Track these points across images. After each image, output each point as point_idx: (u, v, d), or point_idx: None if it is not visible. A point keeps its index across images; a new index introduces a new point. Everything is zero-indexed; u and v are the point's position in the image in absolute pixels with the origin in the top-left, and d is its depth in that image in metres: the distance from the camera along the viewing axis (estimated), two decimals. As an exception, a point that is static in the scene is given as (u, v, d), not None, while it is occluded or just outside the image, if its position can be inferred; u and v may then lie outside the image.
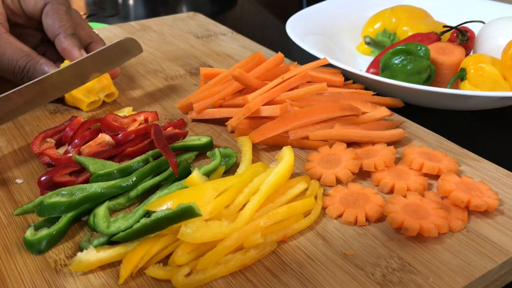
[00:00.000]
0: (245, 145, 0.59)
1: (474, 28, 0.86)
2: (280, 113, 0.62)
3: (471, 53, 0.86)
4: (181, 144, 0.60)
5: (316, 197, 0.52)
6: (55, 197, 0.48)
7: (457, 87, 0.78)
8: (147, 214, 0.49)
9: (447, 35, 0.85)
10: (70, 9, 0.72)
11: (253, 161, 0.59)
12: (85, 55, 0.69)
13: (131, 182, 0.52)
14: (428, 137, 0.65)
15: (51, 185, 0.52)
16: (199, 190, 0.47)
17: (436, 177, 0.56)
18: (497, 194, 0.53)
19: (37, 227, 0.49)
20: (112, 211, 0.52)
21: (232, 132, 0.66)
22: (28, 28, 0.73)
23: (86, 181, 0.53)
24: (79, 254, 0.43)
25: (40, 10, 0.70)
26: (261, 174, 0.52)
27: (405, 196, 0.52)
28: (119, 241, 0.46)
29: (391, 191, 0.54)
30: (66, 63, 0.69)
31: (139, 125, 0.63)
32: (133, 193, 0.52)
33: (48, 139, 0.60)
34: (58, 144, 0.61)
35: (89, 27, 0.76)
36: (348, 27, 1.00)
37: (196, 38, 0.98)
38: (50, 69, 0.66)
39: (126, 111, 0.69)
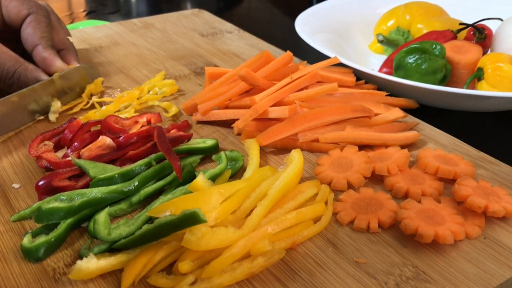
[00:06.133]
0: (252, 148, 0.59)
1: (492, 25, 0.86)
2: (288, 114, 0.62)
3: (489, 52, 0.86)
4: (185, 147, 0.59)
5: (326, 203, 0.52)
6: (53, 203, 0.48)
7: (474, 88, 0.78)
8: (150, 220, 0.49)
9: (464, 33, 0.85)
10: (51, 23, 0.74)
11: (261, 165, 0.59)
12: (66, 66, 0.71)
13: (133, 187, 0.52)
14: (443, 140, 0.64)
15: (49, 190, 0.52)
16: (204, 195, 0.47)
17: (452, 181, 0.55)
18: (517, 199, 0.52)
19: (35, 234, 0.48)
20: (113, 217, 0.52)
21: (239, 134, 0.66)
22: (4, 35, 0.74)
23: (86, 186, 0.53)
24: (78, 262, 0.43)
25: (22, 19, 0.71)
26: (269, 178, 0.51)
27: (419, 202, 0.51)
28: (121, 248, 0.46)
29: (405, 196, 0.54)
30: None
31: (141, 127, 0.63)
32: (135, 199, 0.52)
33: (46, 142, 0.60)
34: (57, 147, 0.61)
35: (65, 33, 0.78)
36: (360, 25, 1.01)
37: (201, 36, 0.98)
38: (42, 75, 0.68)
39: (128, 112, 0.69)
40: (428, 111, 0.74)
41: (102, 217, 0.48)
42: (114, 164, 0.56)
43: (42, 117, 0.69)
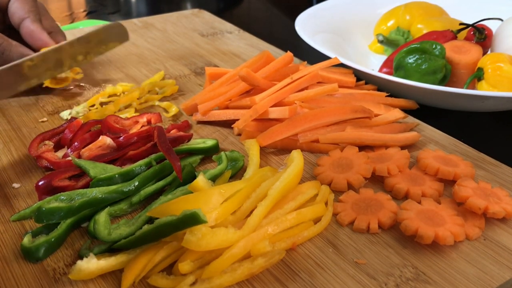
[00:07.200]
0: (253, 149, 0.58)
1: (492, 25, 0.86)
2: (289, 115, 0.62)
3: (489, 52, 0.85)
4: (185, 147, 0.59)
5: (326, 203, 0.52)
6: (53, 203, 0.48)
7: (474, 88, 0.78)
8: (150, 220, 0.49)
9: (464, 33, 0.85)
10: (37, 1, 0.74)
11: (261, 165, 0.59)
12: (52, 41, 0.70)
13: (133, 187, 0.52)
14: (443, 141, 0.64)
15: (49, 190, 0.52)
16: (204, 195, 0.47)
17: (452, 182, 0.55)
18: (517, 200, 0.52)
19: (35, 233, 0.48)
20: (114, 217, 0.51)
21: (239, 134, 0.66)
22: None
23: (86, 186, 0.53)
24: (79, 262, 0.43)
25: None
26: (269, 179, 0.51)
27: (419, 202, 0.51)
28: (121, 248, 0.46)
29: (405, 197, 0.54)
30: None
31: (141, 127, 0.63)
32: (135, 199, 0.52)
33: (46, 142, 0.60)
34: (57, 147, 0.60)
35: (52, 19, 0.78)
36: (360, 25, 1.00)
37: (201, 36, 0.98)
38: (26, 50, 0.67)
39: (128, 112, 0.69)
40: (428, 111, 0.73)
41: (102, 217, 0.48)
42: (114, 164, 0.56)
43: (46, 119, 0.69)
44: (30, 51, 0.68)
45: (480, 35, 0.82)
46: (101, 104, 0.72)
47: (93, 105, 0.72)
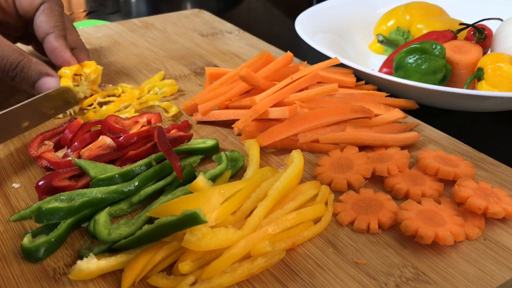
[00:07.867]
0: (253, 149, 0.58)
1: (492, 25, 0.86)
2: (289, 115, 0.62)
3: (489, 52, 0.85)
4: (185, 147, 0.59)
5: (326, 203, 0.52)
6: (53, 203, 0.48)
7: (474, 88, 0.78)
8: (150, 220, 0.49)
9: (464, 33, 0.85)
10: (63, 13, 0.73)
11: (261, 165, 0.58)
12: (74, 60, 0.69)
13: (133, 187, 0.52)
14: (443, 141, 0.64)
15: (49, 190, 0.52)
16: (204, 195, 0.46)
17: (452, 182, 0.55)
18: (517, 200, 0.52)
19: (35, 233, 0.48)
20: (114, 217, 0.51)
21: (239, 135, 0.66)
22: (9, 29, 0.74)
23: (86, 186, 0.53)
24: (79, 262, 0.43)
25: (36, 8, 0.71)
26: (269, 179, 0.51)
27: (419, 203, 0.51)
28: (121, 248, 0.46)
29: (405, 197, 0.54)
30: (62, 71, 0.68)
31: (141, 127, 0.63)
32: (135, 199, 0.52)
33: (46, 142, 0.60)
34: (57, 147, 0.60)
35: (77, 33, 0.77)
36: (360, 25, 1.00)
37: (201, 36, 0.98)
38: (45, 68, 0.67)
39: (128, 112, 0.69)
40: (428, 111, 0.73)
41: (102, 217, 0.47)
42: (114, 164, 0.56)
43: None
44: (50, 69, 0.67)
45: (480, 35, 0.82)
46: (99, 104, 0.72)
47: (91, 105, 0.72)
